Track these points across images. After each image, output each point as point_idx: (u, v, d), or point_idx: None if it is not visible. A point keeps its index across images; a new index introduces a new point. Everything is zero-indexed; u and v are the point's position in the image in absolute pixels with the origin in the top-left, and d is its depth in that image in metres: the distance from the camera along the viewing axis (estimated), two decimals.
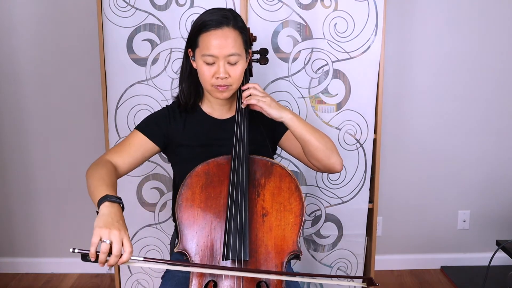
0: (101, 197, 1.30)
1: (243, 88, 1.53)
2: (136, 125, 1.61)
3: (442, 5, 2.68)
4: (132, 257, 1.23)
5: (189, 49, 1.54)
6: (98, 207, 1.28)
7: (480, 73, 2.77)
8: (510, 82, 2.79)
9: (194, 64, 1.54)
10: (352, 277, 2.39)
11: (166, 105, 1.67)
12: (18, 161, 2.82)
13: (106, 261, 1.20)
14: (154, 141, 1.58)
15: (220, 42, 1.44)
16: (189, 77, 1.59)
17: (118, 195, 1.33)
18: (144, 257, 1.26)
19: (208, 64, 1.47)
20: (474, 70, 2.76)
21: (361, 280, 1.37)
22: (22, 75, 2.72)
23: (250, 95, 1.50)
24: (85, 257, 1.20)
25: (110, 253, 1.20)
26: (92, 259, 1.20)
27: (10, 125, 2.78)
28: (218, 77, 1.47)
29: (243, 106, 1.52)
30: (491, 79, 2.78)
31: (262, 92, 1.50)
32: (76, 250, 1.19)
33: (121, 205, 1.31)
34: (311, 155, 1.54)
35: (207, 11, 1.51)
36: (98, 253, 1.19)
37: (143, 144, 1.57)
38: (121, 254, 1.21)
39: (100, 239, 1.19)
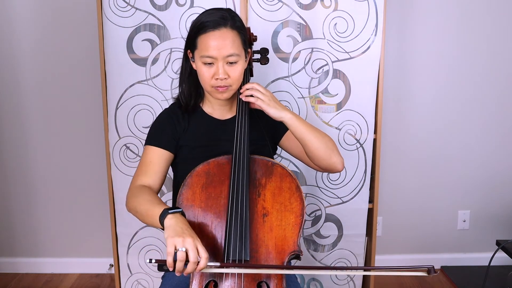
0: (160, 214, 1.30)
1: (241, 91, 1.53)
2: (145, 140, 1.60)
3: (442, 5, 2.68)
4: (208, 263, 1.23)
5: (188, 51, 1.54)
6: (162, 223, 1.29)
7: (480, 73, 2.77)
8: (511, 82, 2.79)
9: (193, 65, 1.54)
10: (410, 268, 2.35)
11: (166, 108, 1.66)
12: (18, 161, 2.82)
13: (183, 269, 1.21)
14: (168, 149, 1.57)
15: (218, 43, 1.44)
16: (189, 78, 1.59)
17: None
18: (220, 263, 1.26)
19: (207, 65, 1.47)
20: (474, 70, 2.76)
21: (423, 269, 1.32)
22: (21, 75, 2.72)
23: (250, 94, 1.50)
24: (161, 266, 1.21)
25: (186, 261, 1.20)
26: (171, 269, 1.20)
27: (10, 125, 2.77)
28: (217, 78, 1.47)
29: (241, 97, 1.51)
30: (492, 79, 2.78)
31: (263, 89, 1.50)
32: (153, 261, 1.20)
33: (182, 213, 1.32)
34: (312, 155, 1.54)
35: (204, 12, 1.51)
36: (174, 262, 1.20)
37: (161, 156, 1.56)
38: (198, 261, 1.21)
39: (175, 248, 1.20)
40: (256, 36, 1.67)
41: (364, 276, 2.53)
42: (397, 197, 2.89)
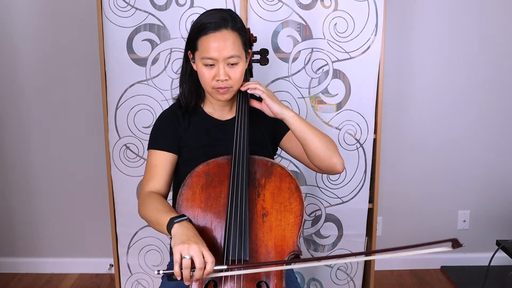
0: (167, 224, 1.32)
1: (242, 88, 1.53)
2: (148, 144, 1.60)
3: (442, 5, 2.68)
4: (215, 267, 1.24)
5: (189, 51, 1.54)
6: (170, 233, 1.30)
7: (480, 73, 2.77)
8: (510, 83, 2.79)
9: (194, 66, 1.54)
10: (434, 243, 2.31)
11: (165, 110, 1.67)
12: (18, 161, 2.82)
13: (191, 276, 1.22)
14: (172, 151, 1.57)
15: (219, 45, 1.44)
16: (189, 78, 1.59)
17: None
18: (227, 265, 1.27)
19: (208, 66, 1.47)
20: (474, 70, 2.76)
21: (448, 243, 1.26)
22: (22, 76, 2.72)
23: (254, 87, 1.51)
24: (170, 276, 1.23)
25: (193, 267, 1.21)
26: (179, 278, 1.22)
27: (10, 125, 2.78)
28: (218, 80, 1.47)
29: (242, 89, 1.52)
30: (491, 79, 2.78)
31: (265, 88, 1.51)
32: (161, 272, 1.22)
33: (188, 219, 1.33)
34: (312, 155, 1.54)
35: (205, 12, 1.51)
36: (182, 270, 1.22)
37: (165, 159, 1.56)
38: (204, 266, 1.22)
39: (181, 256, 1.21)
40: (256, 37, 1.67)
41: (364, 276, 2.53)
42: (397, 197, 2.89)
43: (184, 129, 1.60)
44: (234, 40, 1.46)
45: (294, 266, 1.40)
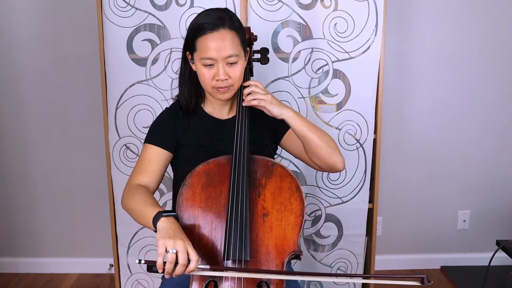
0: (154, 215, 1.31)
1: (244, 84, 1.54)
2: (145, 138, 1.60)
3: (442, 5, 2.68)
4: (198, 266, 1.24)
5: (187, 52, 1.54)
6: (155, 225, 1.30)
7: (480, 72, 2.77)
8: (510, 82, 2.79)
9: (193, 67, 1.54)
10: (404, 277, 2.36)
11: (167, 107, 1.67)
12: (18, 161, 2.82)
13: (173, 271, 1.22)
14: (168, 149, 1.57)
15: (218, 45, 1.44)
16: (189, 79, 1.59)
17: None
18: (210, 266, 1.27)
19: (207, 66, 1.47)
20: (474, 70, 2.76)
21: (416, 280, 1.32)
22: (22, 75, 2.72)
23: (251, 93, 1.50)
24: (151, 268, 1.22)
25: (176, 263, 1.21)
26: (160, 270, 1.21)
27: (10, 125, 2.77)
28: (218, 79, 1.47)
29: (244, 105, 1.52)
30: (492, 78, 2.78)
31: (263, 90, 1.50)
32: (142, 261, 1.21)
33: (176, 217, 1.34)
34: (313, 153, 1.54)
35: (202, 13, 1.51)
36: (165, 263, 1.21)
37: (160, 155, 1.56)
38: (187, 263, 1.22)
39: (166, 250, 1.21)
40: (256, 35, 1.68)
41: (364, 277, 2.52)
42: (397, 197, 2.89)
43: (183, 129, 1.60)
44: (232, 39, 1.46)
45: (286, 277, 1.38)
